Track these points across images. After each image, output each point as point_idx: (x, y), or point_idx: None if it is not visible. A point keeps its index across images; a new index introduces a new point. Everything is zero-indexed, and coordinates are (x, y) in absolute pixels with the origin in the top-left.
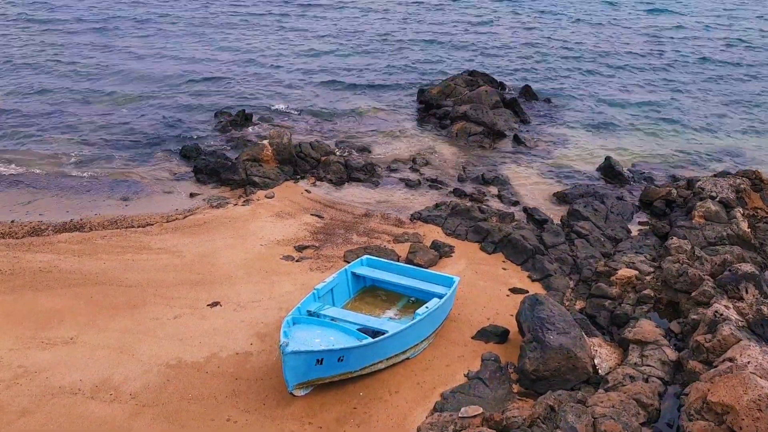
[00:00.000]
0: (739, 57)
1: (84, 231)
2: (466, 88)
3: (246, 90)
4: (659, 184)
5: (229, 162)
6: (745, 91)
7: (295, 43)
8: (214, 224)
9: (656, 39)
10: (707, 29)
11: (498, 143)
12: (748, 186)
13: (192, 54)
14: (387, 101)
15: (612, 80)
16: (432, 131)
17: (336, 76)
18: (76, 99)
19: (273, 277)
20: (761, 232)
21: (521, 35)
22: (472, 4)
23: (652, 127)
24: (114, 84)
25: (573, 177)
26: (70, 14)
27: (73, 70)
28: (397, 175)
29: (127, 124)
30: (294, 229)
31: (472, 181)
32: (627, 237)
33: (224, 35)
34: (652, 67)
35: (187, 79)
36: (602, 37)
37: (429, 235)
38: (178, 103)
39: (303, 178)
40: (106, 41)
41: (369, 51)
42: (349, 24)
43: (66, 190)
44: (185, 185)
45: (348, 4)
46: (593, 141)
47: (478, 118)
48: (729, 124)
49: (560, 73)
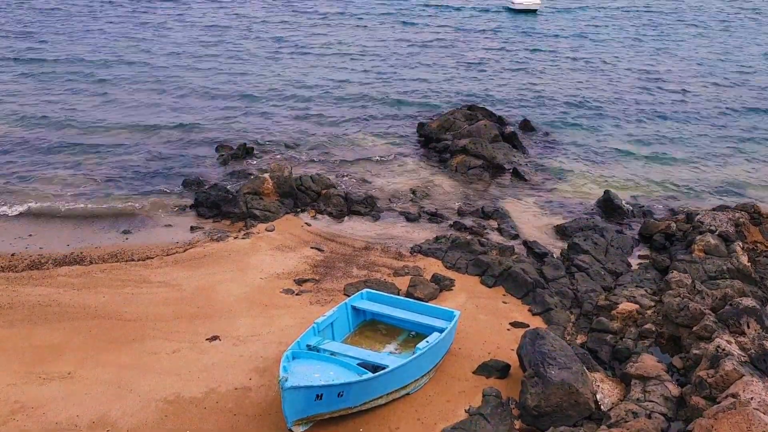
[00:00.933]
0: (735, 93)
1: (84, 264)
2: (465, 122)
3: (247, 124)
4: (658, 217)
5: (229, 195)
6: (742, 125)
7: (296, 79)
8: (214, 257)
9: (653, 74)
10: (703, 65)
11: (497, 176)
12: (747, 220)
13: (193, 88)
14: (387, 135)
15: (610, 114)
16: (432, 164)
17: (336, 111)
18: (79, 133)
19: (272, 311)
20: (761, 266)
21: (520, 71)
22: (470, 41)
23: (650, 161)
24: (115, 118)
25: (572, 210)
26: (69, 50)
27: (74, 105)
28: (398, 208)
29: (128, 157)
30: (294, 262)
31: (472, 215)
32: (627, 270)
33: (226, 70)
34: (650, 101)
35: (189, 113)
36: (600, 72)
37: (429, 268)
38: (180, 137)
39: (303, 211)
40: (106, 75)
41: (369, 87)
42: (348, 61)
43: (67, 223)
44: (186, 218)
45: (346, 43)
46: (592, 174)
47: (477, 152)
48: (727, 158)
49: (558, 107)
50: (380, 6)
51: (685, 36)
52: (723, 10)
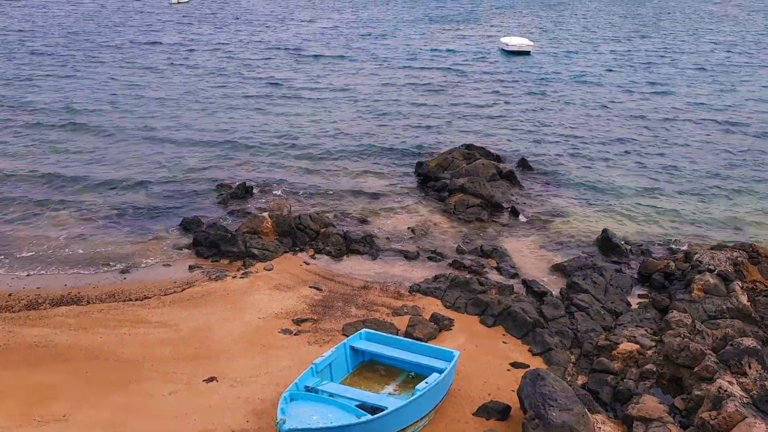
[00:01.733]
0: (731, 132)
1: (81, 304)
2: (463, 161)
3: (247, 163)
4: (657, 256)
5: (228, 234)
6: (737, 165)
7: (295, 120)
8: (212, 297)
9: (647, 114)
10: (701, 106)
11: (496, 215)
12: (746, 259)
13: (192, 129)
14: (386, 174)
15: (606, 153)
16: (430, 203)
17: (335, 150)
18: (78, 174)
19: (270, 351)
20: (761, 305)
21: (516, 111)
22: (466, 82)
23: (648, 200)
24: (115, 158)
25: (571, 249)
26: (66, 93)
27: (74, 146)
28: (396, 246)
29: (127, 197)
30: (292, 301)
31: (471, 253)
32: (627, 310)
33: (225, 112)
34: (645, 141)
35: (188, 154)
36: (595, 112)
37: (428, 307)
38: (179, 177)
39: (302, 250)
40: (106, 118)
41: (367, 127)
42: (345, 103)
43: (65, 263)
44: (184, 257)
45: (343, 86)
46: (590, 213)
47: (475, 191)
48: (724, 198)
49: (556, 147)
50: (376, 49)
51: (679, 77)
52: (715, 49)
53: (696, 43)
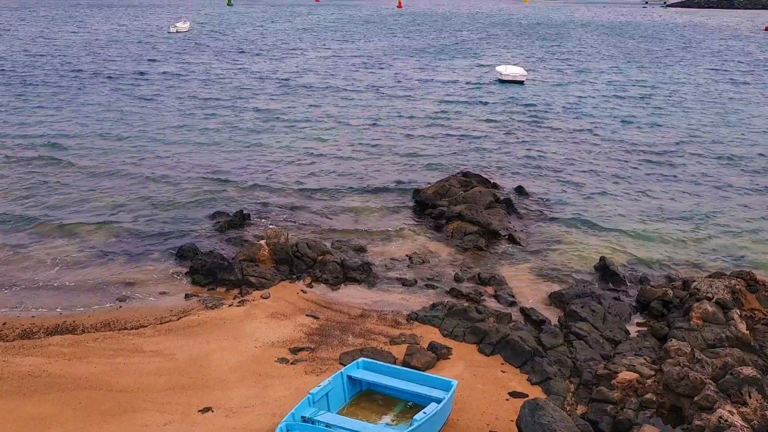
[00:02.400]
0: (727, 163)
1: (76, 333)
2: (460, 188)
3: (244, 191)
4: (655, 284)
5: (225, 262)
6: (734, 194)
7: (291, 148)
8: (208, 325)
9: (643, 143)
10: (697, 135)
11: (493, 243)
12: (744, 287)
13: (188, 157)
14: (383, 201)
15: (603, 182)
16: (428, 231)
17: (332, 178)
18: (74, 200)
19: (267, 381)
20: (760, 333)
21: (512, 138)
22: (463, 111)
23: (645, 227)
24: (111, 186)
25: (569, 276)
26: (63, 125)
27: (68, 175)
28: (394, 274)
29: (124, 225)
30: (289, 330)
31: (469, 281)
32: (626, 338)
33: (220, 139)
34: (643, 170)
35: (185, 181)
36: (590, 140)
37: (426, 336)
38: (176, 204)
39: (299, 278)
40: (102, 142)
41: (363, 155)
42: (341, 132)
43: (61, 291)
44: (181, 286)
45: (338, 115)
46: (587, 240)
47: (473, 218)
48: (720, 225)
49: (552, 174)
50: (373, 79)
51: (674, 108)
52: (709, 80)
53: (690, 74)
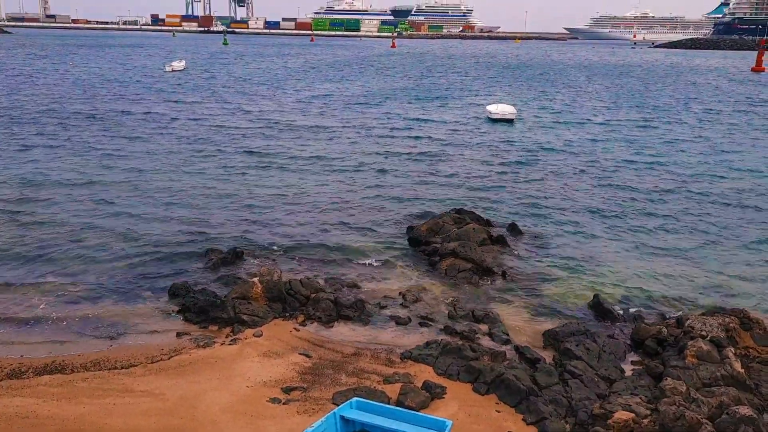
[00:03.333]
0: (719, 201)
1: (66, 373)
2: (453, 225)
3: (237, 228)
4: (649, 321)
5: (218, 300)
6: (725, 232)
7: (283, 186)
8: (199, 364)
9: (635, 181)
10: (688, 173)
11: (487, 280)
12: (737, 325)
13: (181, 195)
14: (376, 238)
15: (595, 219)
16: (421, 268)
17: (325, 216)
18: (64, 238)
19: (259, 422)
20: (755, 372)
21: (505, 177)
22: (454, 149)
23: (638, 264)
24: (102, 223)
25: (563, 314)
26: (54, 161)
27: (59, 212)
28: (387, 312)
29: (116, 263)
30: (282, 369)
31: (463, 319)
32: (621, 377)
33: (212, 178)
34: (635, 207)
35: (178, 219)
36: (582, 177)
37: (420, 375)
38: (169, 241)
39: (292, 315)
40: (91, 182)
41: (356, 193)
42: (333, 170)
43: (51, 329)
44: (173, 324)
45: (329, 154)
46: (581, 277)
47: (466, 255)
48: (714, 261)
49: (545, 211)
50: (364, 118)
51: (665, 147)
52: (701, 119)
53: (680, 113)
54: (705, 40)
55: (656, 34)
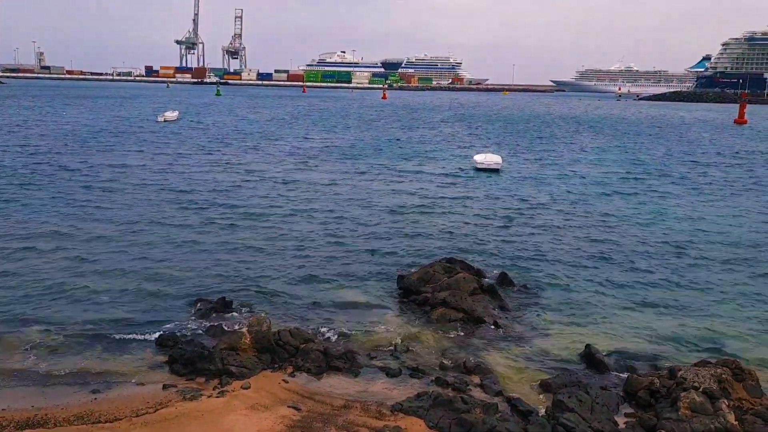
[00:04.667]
0: (715, 248)
1: (48, 427)
2: (444, 274)
3: (227, 278)
4: (641, 372)
5: (206, 351)
6: (719, 279)
7: (274, 235)
8: (186, 418)
9: (626, 229)
10: (676, 224)
11: (478, 330)
12: (730, 376)
13: (170, 242)
14: (367, 287)
15: (585, 269)
16: (412, 318)
17: (317, 264)
18: (50, 287)
19: None
20: (749, 424)
21: (493, 223)
22: (443, 198)
23: (628, 314)
24: (89, 271)
25: (554, 365)
26: (41, 212)
27: (43, 262)
28: (378, 362)
29: (101, 313)
30: (270, 422)
31: (454, 369)
32: (614, 430)
33: (202, 224)
34: (623, 257)
35: (167, 267)
36: (571, 228)
37: (411, 428)
38: (156, 291)
39: (281, 367)
40: (78, 231)
41: (347, 242)
42: (324, 220)
43: (34, 381)
44: (159, 375)
45: (324, 204)
46: (572, 327)
47: (457, 305)
48: (703, 312)
49: (535, 260)
50: (354, 168)
51: (651, 197)
52: (689, 170)
53: (666, 165)
54: (688, 93)
55: (641, 87)
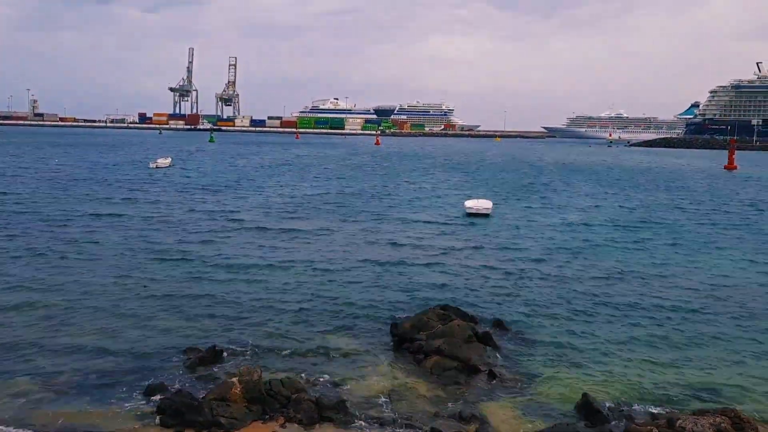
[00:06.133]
0: (712, 297)
1: None
2: (438, 321)
3: (217, 327)
4: (639, 421)
5: (195, 402)
6: (718, 328)
7: (265, 285)
8: None
9: (621, 274)
10: (670, 268)
11: (473, 378)
12: (729, 425)
13: (159, 292)
14: (359, 335)
15: (581, 315)
16: (406, 366)
17: (308, 312)
18: (36, 336)
19: None
20: None
21: (486, 269)
22: (436, 244)
23: (626, 361)
24: (78, 321)
25: (551, 414)
26: (28, 264)
27: (32, 312)
28: (371, 413)
29: (90, 362)
30: None
31: (449, 419)
32: None
33: (192, 273)
34: (622, 300)
35: (155, 316)
36: (565, 273)
37: None
38: (146, 339)
39: (272, 418)
40: (67, 278)
41: (340, 291)
42: (315, 269)
43: None
44: (147, 427)
45: (316, 251)
46: (568, 375)
47: (452, 353)
48: (701, 359)
49: (530, 306)
50: (345, 216)
51: (646, 241)
52: (681, 215)
53: (660, 212)
54: (678, 139)
55: (631, 134)
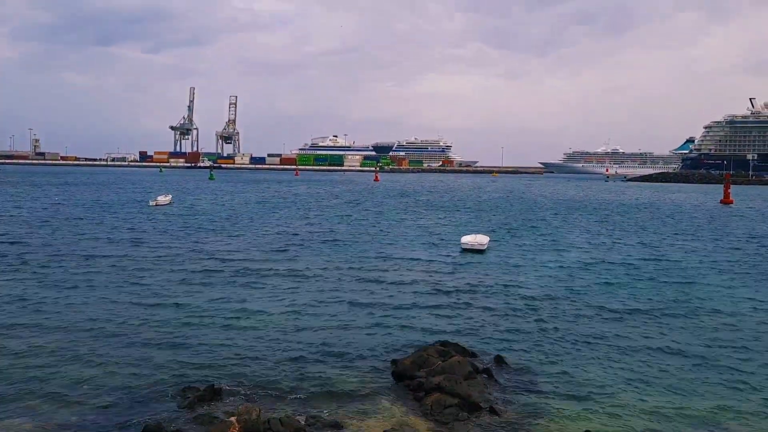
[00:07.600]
0: (709, 329)
1: None
2: (438, 358)
3: (215, 366)
4: None
5: None
6: (722, 362)
7: (264, 323)
8: None
9: (621, 310)
10: (670, 304)
11: (474, 416)
12: None
13: (154, 331)
14: (359, 373)
15: (582, 349)
16: (406, 404)
17: (306, 351)
18: (30, 377)
19: None
20: None
21: (485, 304)
22: (434, 281)
23: (627, 395)
24: (71, 361)
25: None
26: (23, 302)
27: (26, 351)
28: None
29: (86, 402)
30: None
31: None
32: None
33: (190, 312)
34: (620, 336)
35: (151, 358)
36: (564, 307)
37: None
38: (143, 379)
39: None
40: (63, 317)
41: (338, 327)
42: (314, 306)
43: None
44: None
45: (312, 289)
46: (570, 411)
47: (452, 390)
48: (702, 396)
49: (530, 341)
50: (341, 253)
51: (643, 278)
52: (676, 252)
53: (660, 247)
54: (674, 174)
55: (627, 169)
